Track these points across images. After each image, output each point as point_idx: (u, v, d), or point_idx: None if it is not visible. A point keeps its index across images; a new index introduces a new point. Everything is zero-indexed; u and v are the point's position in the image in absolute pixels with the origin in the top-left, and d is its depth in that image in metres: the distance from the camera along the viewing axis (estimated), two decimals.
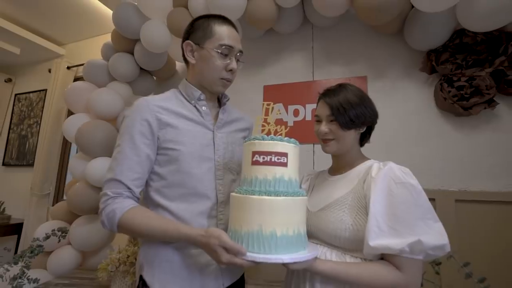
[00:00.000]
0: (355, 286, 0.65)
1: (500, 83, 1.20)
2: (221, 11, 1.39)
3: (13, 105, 3.39)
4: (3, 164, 3.25)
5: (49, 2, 2.43)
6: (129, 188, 0.69)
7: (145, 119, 0.71)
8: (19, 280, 0.96)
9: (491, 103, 1.21)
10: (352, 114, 0.73)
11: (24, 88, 3.41)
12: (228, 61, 0.77)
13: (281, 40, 1.76)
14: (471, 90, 1.21)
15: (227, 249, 0.58)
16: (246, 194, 0.63)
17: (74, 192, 1.51)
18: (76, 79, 3.09)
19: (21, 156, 3.17)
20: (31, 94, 3.30)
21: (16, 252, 2.74)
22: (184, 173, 0.72)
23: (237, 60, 0.80)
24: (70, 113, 3.02)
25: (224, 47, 0.75)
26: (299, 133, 1.56)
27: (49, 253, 1.56)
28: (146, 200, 0.76)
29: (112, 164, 0.70)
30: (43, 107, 3.16)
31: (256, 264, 0.59)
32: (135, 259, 1.20)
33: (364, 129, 0.79)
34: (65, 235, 1.24)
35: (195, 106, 0.80)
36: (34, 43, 3.00)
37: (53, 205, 2.87)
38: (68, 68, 3.02)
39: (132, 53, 1.76)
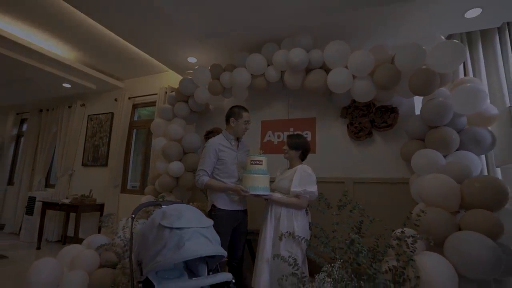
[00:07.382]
0: (285, 205, 1.94)
1: (373, 125, 2.49)
2: (238, 84, 2.69)
3: (87, 123, 4.72)
4: (82, 164, 4.60)
5: (114, 53, 3.70)
6: (207, 173, 2.02)
7: (214, 148, 2.04)
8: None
9: (370, 134, 2.49)
10: (292, 144, 2.04)
11: (93, 111, 4.73)
12: (247, 126, 2.12)
13: (271, 95, 3.03)
14: (360, 128, 2.50)
15: (242, 190, 1.91)
16: (247, 174, 1.96)
17: (161, 180, 2.84)
18: (134, 105, 4.41)
19: (95, 159, 4.48)
20: (100, 115, 4.61)
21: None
22: (227, 168, 2.06)
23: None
24: (130, 129, 4.35)
25: (245, 121, 2.09)
26: (279, 148, 2.84)
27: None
28: (213, 178, 2.07)
29: (200, 164, 2.04)
30: (110, 125, 4.46)
31: (251, 195, 1.91)
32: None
33: (300, 152, 2.08)
34: (164, 199, 2.54)
35: (229, 142, 2.12)
36: (103, 80, 4.29)
37: (121, 193, 4.20)
38: (129, 98, 4.32)
39: (187, 102, 3.08)
